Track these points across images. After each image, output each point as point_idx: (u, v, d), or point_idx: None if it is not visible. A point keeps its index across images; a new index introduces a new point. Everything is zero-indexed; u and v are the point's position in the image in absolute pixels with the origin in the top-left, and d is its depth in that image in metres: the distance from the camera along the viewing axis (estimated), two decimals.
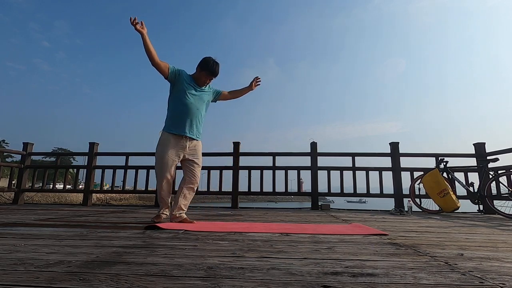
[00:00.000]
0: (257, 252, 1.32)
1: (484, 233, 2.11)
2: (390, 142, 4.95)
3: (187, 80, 2.50)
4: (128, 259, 1.15)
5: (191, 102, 2.47)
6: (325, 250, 1.39)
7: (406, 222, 2.80)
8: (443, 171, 4.28)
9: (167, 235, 1.77)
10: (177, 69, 2.50)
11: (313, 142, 5.02)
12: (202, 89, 2.57)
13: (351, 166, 4.86)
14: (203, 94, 2.57)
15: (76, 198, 24.22)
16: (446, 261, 1.20)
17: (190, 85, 2.50)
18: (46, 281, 0.88)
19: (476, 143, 4.70)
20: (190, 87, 2.50)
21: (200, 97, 2.54)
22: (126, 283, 0.86)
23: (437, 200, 4.09)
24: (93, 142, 5.31)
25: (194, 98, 2.49)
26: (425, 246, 1.53)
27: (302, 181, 5.33)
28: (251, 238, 1.72)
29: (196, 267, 1.04)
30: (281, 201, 52.00)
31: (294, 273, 0.99)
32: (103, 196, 29.09)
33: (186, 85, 2.48)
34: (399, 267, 1.09)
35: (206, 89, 2.60)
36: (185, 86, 2.48)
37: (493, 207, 3.91)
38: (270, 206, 6.41)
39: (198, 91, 2.54)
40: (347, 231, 2.03)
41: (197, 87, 2.54)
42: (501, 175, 3.92)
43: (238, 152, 5.07)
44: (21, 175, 5.29)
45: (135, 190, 5.30)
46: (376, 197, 4.84)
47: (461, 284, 0.91)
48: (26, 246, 1.39)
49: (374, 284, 0.89)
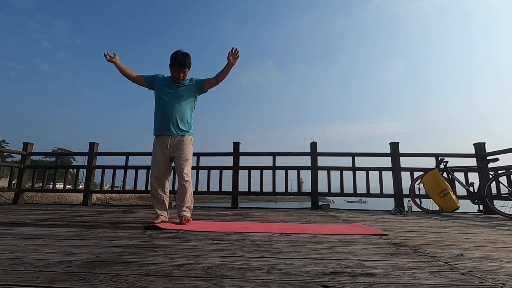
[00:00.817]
0: (257, 252, 1.32)
1: (484, 233, 2.11)
2: (390, 142, 4.95)
3: (162, 82, 2.59)
4: (128, 259, 1.15)
5: (165, 102, 2.52)
6: (325, 250, 1.39)
7: (406, 222, 2.80)
8: (443, 171, 4.28)
9: (167, 235, 1.77)
10: (152, 76, 2.63)
11: (313, 142, 5.02)
12: (179, 85, 2.57)
13: (351, 166, 4.85)
14: (180, 90, 2.57)
15: (76, 198, 24.21)
16: (446, 261, 1.20)
17: (164, 85, 2.56)
18: (46, 281, 0.88)
19: (476, 143, 4.70)
20: (164, 87, 2.56)
21: (177, 93, 2.55)
22: (126, 283, 0.86)
23: (437, 200, 4.09)
24: (93, 142, 5.31)
25: (169, 96, 2.53)
26: (425, 246, 1.53)
27: (302, 181, 5.33)
28: (251, 238, 1.72)
29: (196, 267, 1.04)
30: (281, 201, 52.00)
31: (294, 273, 0.99)
32: (103, 196, 29.07)
33: (160, 87, 2.57)
34: (399, 267, 1.09)
35: (184, 83, 2.59)
36: (159, 88, 2.57)
37: (493, 207, 3.91)
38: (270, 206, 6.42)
39: (174, 88, 2.56)
40: (347, 231, 2.03)
41: (172, 85, 2.56)
42: (501, 175, 3.92)
43: (238, 152, 5.07)
44: (21, 175, 5.29)
45: (135, 190, 5.30)
46: (376, 197, 4.84)
47: (461, 284, 0.91)
48: (26, 246, 1.39)
49: (374, 284, 0.89)
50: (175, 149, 2.52)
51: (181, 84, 2.58)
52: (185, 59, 2.51)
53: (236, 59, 2.57)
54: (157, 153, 2.53)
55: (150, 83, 2.62)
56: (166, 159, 2.53)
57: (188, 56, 2.54)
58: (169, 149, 2.51)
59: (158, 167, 2.51)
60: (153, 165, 2.54)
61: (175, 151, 2.52)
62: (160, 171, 2.51)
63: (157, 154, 2.52)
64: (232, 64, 2.56)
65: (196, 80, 2.65)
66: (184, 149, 2.53)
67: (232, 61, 2.56)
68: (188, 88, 2.60)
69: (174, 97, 2.54)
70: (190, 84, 2.62)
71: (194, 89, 2.63)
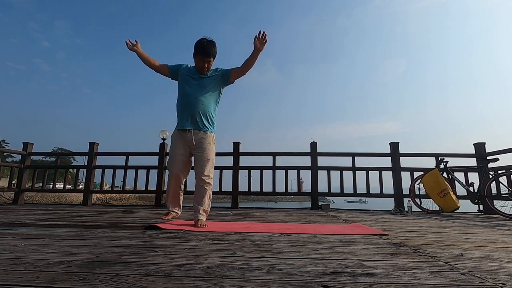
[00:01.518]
0: (257, 252, 1.32)
1: (484, 233, 2.11)
2: (390, 142, 4.95)
3: (185, 72, 2.44)
4: (128, 259, 1.15)
5: (189, 93, 2.36)
6: (325, 250, 1.39)
7: (406, 222, 2.80)
8: (443, 171, 4.28)
9: (167, 235, 1.77)
10: (176, 65, 2.49)
11: (313, 142, 5.02)
12: (203, 75, 2.42)
13: (351, 166, 4.86)
14: (205, 81, 2.40)
15: (76, 198, 24.20)
16: (446, 261, 1.20)
17: (189, 76, 2.41)
18: (46, 281, 0.88)
19: (476, 143, 4.70)
20: (188, 77, 2.41)
21: (201, 85, 2.38)
22: (126, 283, 0.86)
23: (437, 200, 4.09)
24: (93, 142, 5.31)
25: (193, 87, 2.37)
26: (425, 246, 1.53)
27: (302, 181, 5.33)
28: (251, 238, 1.72)
29: (196, 267, 1.04)
30: (281, 201, 51.99)
31: (294, 273, 0.99)
32: (103, 196, 29.05)
33: (184, 77, 2.42)
34: (399, 267, 1.09)
35: (209, 74, 2.43)
36: (182, 79, 2.43)
37: (493, 207, 3.91)
38: (270, 206, 6.41)
39: (198, 79, 2.40)
40: (347, 231, 2.03)
41: (197, 75, 2.41)
42: (501, 175, 3.92)
43: (238, 152, 5.07)
44: (21, 175, 5.29)
45: (135, 190, 5.31)
46: (376, 197, 4.84)
47: (461, 284, 0.91)
48: (26, 246, 1.39)
49: (374, 284, 0.89)
50: (197, 146, 2.35)
51: (205, 74, 2.42)
52: (210, 48, 2.35)
53: (263, 45, 2.33)
54: (176, 148, 2.38)
55: (174, 73, 2.49)
56: (186, 155, 2.39)
57: (213, 44, 2.38)
58: (190, 145, 2.36)
59: (177, 163, 2.37)
60: (171, 161, 2.39)
61: (196, 149, 2.36)
62: (179, 168, 2.38)
63: (177, 149, 2.38)
64: (260, 50, 2.33)
65: (222, 70, 2.47)
66: (206, 148, 2.36)
67: (259, 46, 2.33)
68: (213, 79, 2.43)
69: (197, 88, 2.37)
70: (215, 74, 2.45)
71: (219, 80, 2.45)
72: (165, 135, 5.37)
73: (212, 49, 2.36)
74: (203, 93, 2.37)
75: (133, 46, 2.48)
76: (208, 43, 2.36)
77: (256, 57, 2.38)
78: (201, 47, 2.34)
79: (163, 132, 5.43)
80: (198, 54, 2.36)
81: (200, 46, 2.35)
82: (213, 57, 2.40)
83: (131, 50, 2.48)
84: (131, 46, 2.48)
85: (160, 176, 5.06)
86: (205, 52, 2.34)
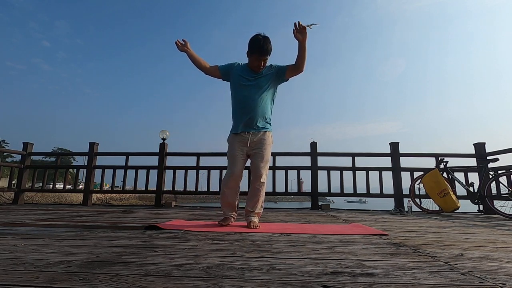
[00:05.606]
0: (257, 252, 1.32)
1: (484, 233, 2.11)
2: (390, 142, 4.95)
3: (239, 72, 2.33)
4: (128, 259, 1.15)
5: (245, 95, 2.27)
6: (325, 250, 1.39)
7: (406, 222, 2.80)
8: (443, 171, 4.28)
9: (167, 235, 1.77)
10: (228, 65, 2.39)
11: (313, 142, 5.02)
12: (259, 75, 2.30)
13: (351, 166, 4.86)
14: (260, 80, 2.29)
15: (76, 198, 24.21)
16: (446, 261, 1.20)
17: (242, 76, 2.30)
18: (46, 281, 0.88)
19: (476, 143, 4.70)
20: (242, 78, 2.30)
21: (257, 85, 2.28)
22: (126, 283, 0.86)
23: (437, 200, 4.09)
24: (93, 142, 5.32)
25: (248, 89, 2.27)
26: (425, 246, 1.53)
27: (302, 181, 5.33)
28: (251, 238, 1.72)
29: (196, 267, 1.04)
30: (281, 201, 51.98)
31: (294, 273, 0.99)
32: (103, 196, 29.06)
33: (238, 78, 2.31)
34: (399, 267, 1.09)
35: (264, 73, 2.31)
36: (236, 80, 2.32)
37: (493, 207, 3.91)
38: (270, 206, 6.41)
39: (253, 79, 2.29)
40: (347, 231, 2.03)
41: (252, 75, 2.30)
42: (501, 175, 3.92)
43: None
44: (21, 175, 5.29)
45: (135, 190, 5.31)
46: (376, 197, 4.84)
47: (461, 284, 0.91)
48: (26, 246, 1.39)
49: (374, 284, 0.89)
50: (255, 147, 2.29)
51: (260, 74, 2.30)
52: (267, 45, 2.20)
53: (304, 34, 2.17)
54: (235, 150, 2.31)
55: (225, 74, 2.38)
56: (244, 157, 2.34)
57: (269, 40, 2.22)
58: (249, 146, 2.30)
59: (238, 164, 2.30)
60: (230, 163, 2.32)
61: (254, 149, 2.30)
62: (240, 168, 2.31)
63: (236, 150, 2.31)
64: (303, 40, 2.18)
65: (276, 67, 2.34)
66: (265, 149, 2.30)
67: (301, 37, 2.17)
68: (268, 78, 2.31)
69: (254, 89, 2.27)
70: (269, 72, 2.32)
71: (274, 78, 2.33)
72: (165, 135, 5.36)
73: (268, 46, 2.22)
74: (260, 94, 2.27)
75: (183, 47, 2.36)
76: (264, 39, 2.20)
77: (304, 49, 2.22)
78: (257, 46, 2.19)
79: (163, 132, 5.42)
80: (254, 53, 2.22)
81: (257, 44, 2.20)
82: (269, 55, 2.26)
83: (181, 51, 2.36)
84: (181, 47, 2.36)
85: (160, 176, 5.06)
86: (262, 50, 2.20)
